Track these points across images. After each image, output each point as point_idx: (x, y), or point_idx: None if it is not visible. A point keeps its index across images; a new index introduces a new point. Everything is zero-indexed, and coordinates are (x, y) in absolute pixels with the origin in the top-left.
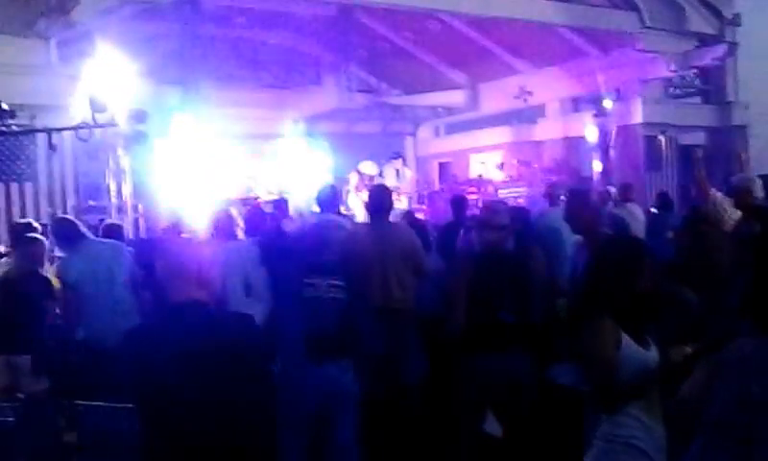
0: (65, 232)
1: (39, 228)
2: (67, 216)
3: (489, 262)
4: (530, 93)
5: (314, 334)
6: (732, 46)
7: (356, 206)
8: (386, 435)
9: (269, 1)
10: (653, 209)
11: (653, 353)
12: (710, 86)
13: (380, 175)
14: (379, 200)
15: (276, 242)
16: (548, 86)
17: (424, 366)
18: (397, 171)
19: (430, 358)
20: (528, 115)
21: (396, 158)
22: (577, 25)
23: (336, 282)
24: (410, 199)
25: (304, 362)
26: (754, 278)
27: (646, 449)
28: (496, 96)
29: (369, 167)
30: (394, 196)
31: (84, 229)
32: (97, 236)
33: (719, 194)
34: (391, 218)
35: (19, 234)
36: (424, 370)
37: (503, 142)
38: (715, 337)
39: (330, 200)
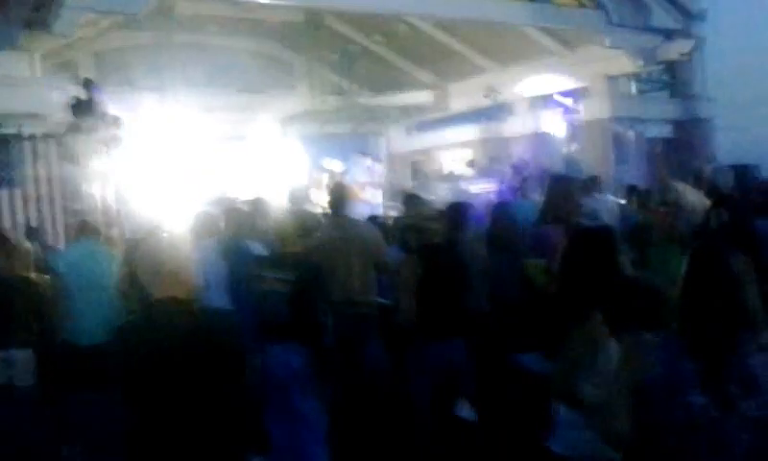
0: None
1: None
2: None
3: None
4: (498, 91)
5: (264, 321)
6: (698, 41)
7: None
8: (351, 421)
9: (240, 8)
10: (622, 201)
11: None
12: (677, 81)
13: (349, 171)
14: (339, 197)
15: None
16: (516, 84)
17: (382, 354)
18: (368, 167)
19: (388, 346)
20: (497, 113)
21: (364, 156)
22: (544, 25)
23: (280, 276)
24: (383, 193)
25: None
26: None
27: None
28: (465, 95)
29: (334, 165)
30: (367, 191)
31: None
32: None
33: (681, 184)
34: (358, 214)
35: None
36: (383, 358)
37: (473, 139)
38: None
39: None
